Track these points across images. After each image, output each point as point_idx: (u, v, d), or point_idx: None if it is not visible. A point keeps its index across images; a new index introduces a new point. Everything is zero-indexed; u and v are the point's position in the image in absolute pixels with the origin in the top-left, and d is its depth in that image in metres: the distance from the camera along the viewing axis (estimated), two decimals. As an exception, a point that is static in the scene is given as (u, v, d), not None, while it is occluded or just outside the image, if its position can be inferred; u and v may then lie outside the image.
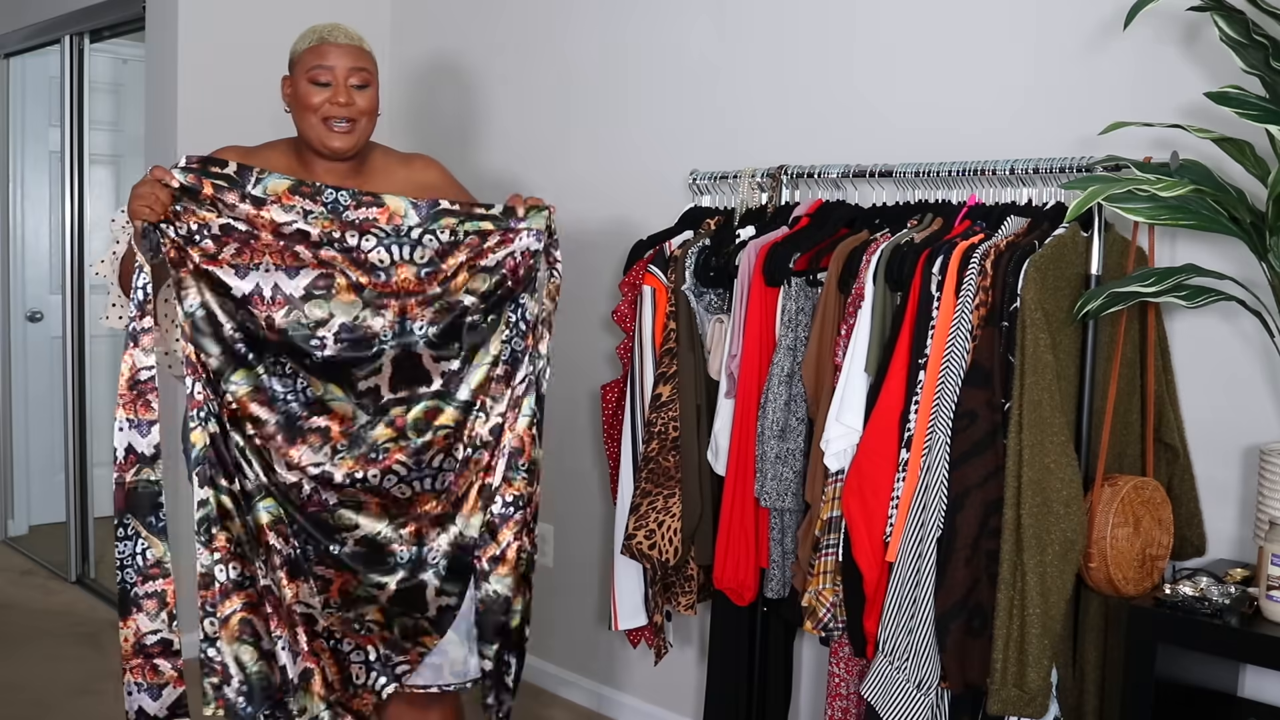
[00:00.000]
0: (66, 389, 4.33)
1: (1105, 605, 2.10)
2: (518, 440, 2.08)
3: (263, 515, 2.01)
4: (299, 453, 1.99)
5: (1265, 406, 2.08)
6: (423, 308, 2.02)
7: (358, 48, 2.16)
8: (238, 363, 1.97)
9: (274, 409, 1.99)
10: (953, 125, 2.46)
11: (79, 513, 4.31)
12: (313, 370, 1.99)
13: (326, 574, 2.05)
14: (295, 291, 1.97)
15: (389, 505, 2.05)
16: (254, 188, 1.96)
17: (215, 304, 1.96)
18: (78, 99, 4.22)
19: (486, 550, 2.09)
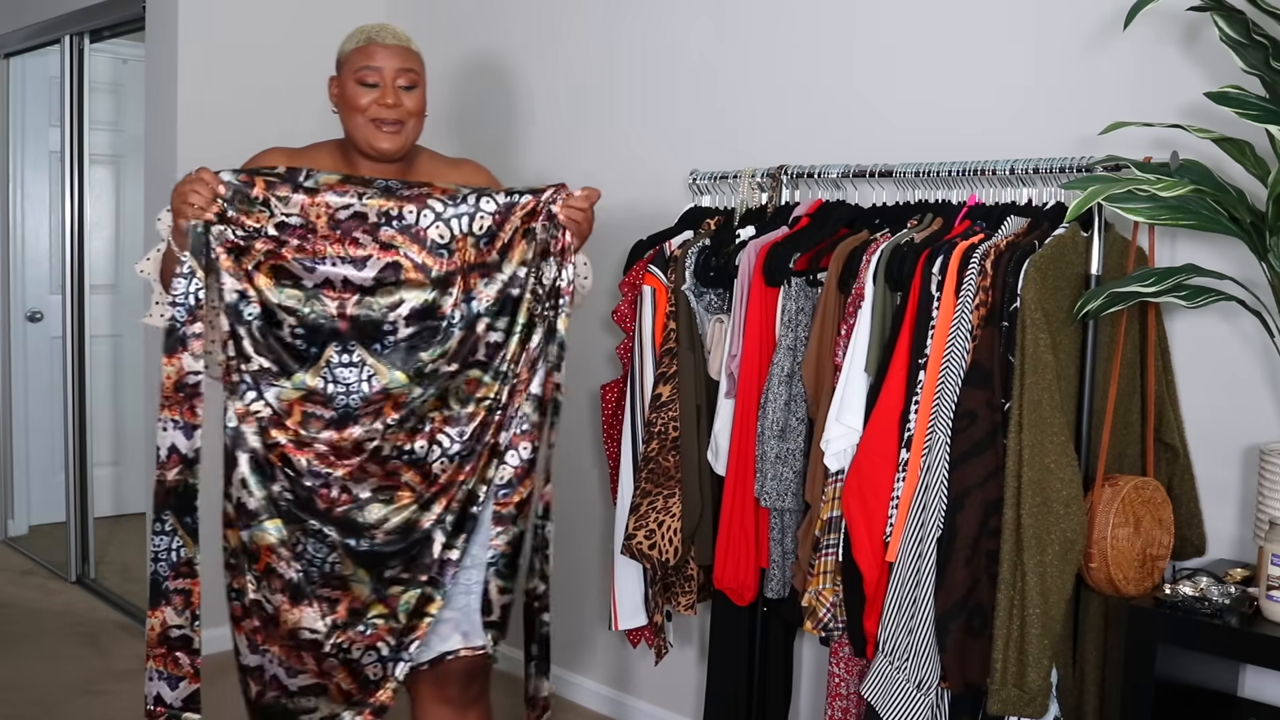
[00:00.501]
0: (66, 389, 4.33)
1: (1105, 605, 2.10)
2: (540, 389, 2.06)
3: (269, 535, 2.00)
4: (350, 431, 1.99)
5: (1265, 406, 2.08)
6: (484, 284, 2.02)
7: (405, 48, 2.14)
8: (294, 364, 1.98)
9: (330, 406, 1.99)
10: (953, 125, 2.46)
11: (79, 513, 4.31)
12: (382, 356, 1.99)
13: (333, 595, 2.03)
14: (365, 282, 1.97)
15: (421, 487, 2.04)
16: (305, 181, 1.97)
17: (275, 302, 1.96)
18: (78, 99, 4.22)
19: (513, 497, 2.06)
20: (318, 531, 2.01)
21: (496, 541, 2.07)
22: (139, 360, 4.04)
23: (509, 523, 2.07)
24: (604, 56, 3.20)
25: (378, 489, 2.03)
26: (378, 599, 2.05)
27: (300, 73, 3.72)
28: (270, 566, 2.01)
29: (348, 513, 2.02)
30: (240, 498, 2.01)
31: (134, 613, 3.93)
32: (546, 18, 3.35)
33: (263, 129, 3.64)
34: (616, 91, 3.17)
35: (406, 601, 2.05)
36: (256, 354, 1.98)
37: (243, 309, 1.96)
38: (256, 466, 2.00)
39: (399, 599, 2.05)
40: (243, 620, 2.06)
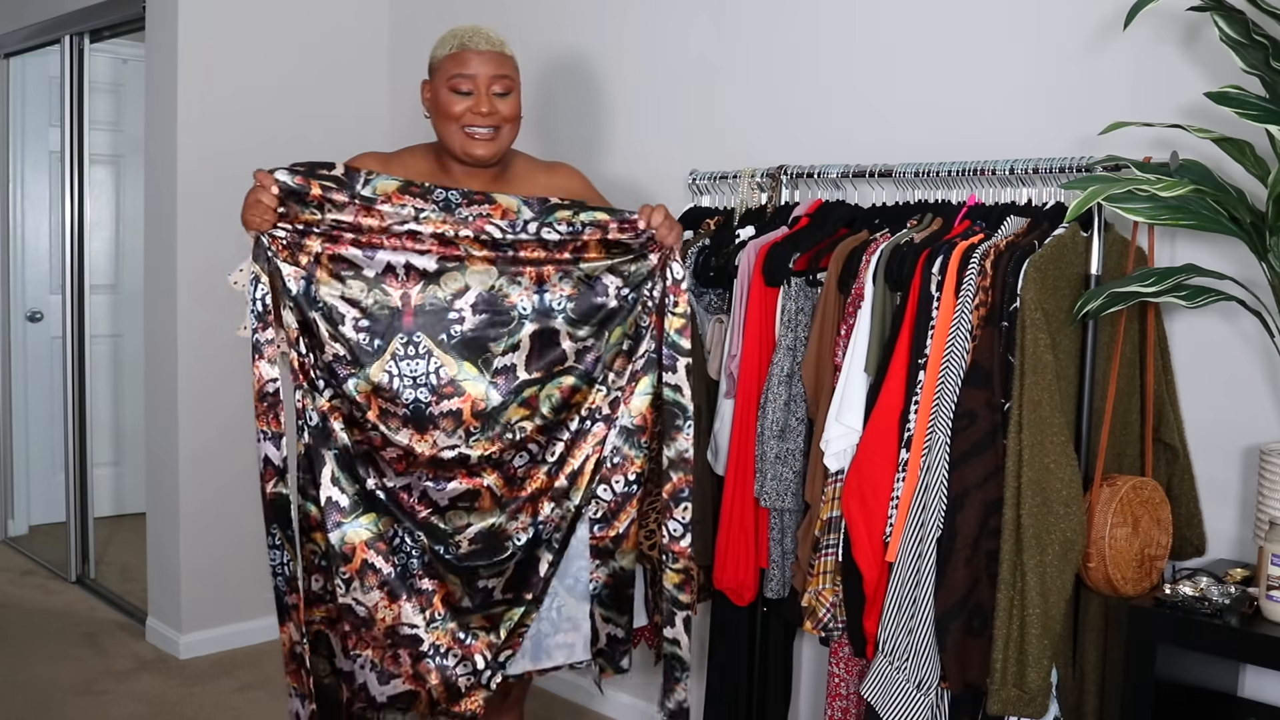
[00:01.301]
0: (66, 389, 4.33)
1: (1105, 605, 2.10)
2: (639, 418, 2.03)
3: (362, 532, 1.97)
4: (430, 439, 1.95)
5: (1265, 406, 2.08)
6: (560, 279, 1.98)
7: (499, 54, 2.09)
8: (361, 357, 1.94)
9: (399, 403, 1.95)
10: (953, 125, 2.46)
11: (79, 513, 4.31)
12: (449, 348, 1.95)
13: (430, 586, 2.00)
14: (429, 266, 1.93)
15: (501, 492, 2.01)
16: (363, 188, 1.92)
17: (337, 296, 1.93)
18: (78, 99, 4.22)
19: (609, 531, 2.07)
20: (410, 529, 1.99)
21: (597, 574, 2.06)
22: (139, 360, 4.04)
23: (607, 557, 2.06)
24: (603, 56, 3.20)
25: (458, 496, 1.98)
26: (477, 610, 2.02)
27: (300, 73, 3.73)
28: (366, 563, 1.97)
29: (428, 519, 1.98)
30: (330, 496, 1.97)
31: (133, 613, 3.93)
32: (545, 17, 3.35)
33: (263, 129, 3.65)
34: (616, 91, 3.17)
35: (510, 618, 2.04)
36: (330, 340, 1.93)
37: (315, 295, 1.93)
38: (345, 462, 1.97)
39: (503, 616, 2.03)
40: (336, 623, 2.02)
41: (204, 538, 3.58)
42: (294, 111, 3.71)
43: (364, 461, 1.97)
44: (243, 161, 3.57)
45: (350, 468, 1.97)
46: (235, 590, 3.65)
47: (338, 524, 1.97)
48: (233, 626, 3.68)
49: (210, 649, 3.65)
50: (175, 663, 3.56)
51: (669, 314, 2.01)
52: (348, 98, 3.84)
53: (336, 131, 3.75)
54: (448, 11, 3.68)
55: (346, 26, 3.85)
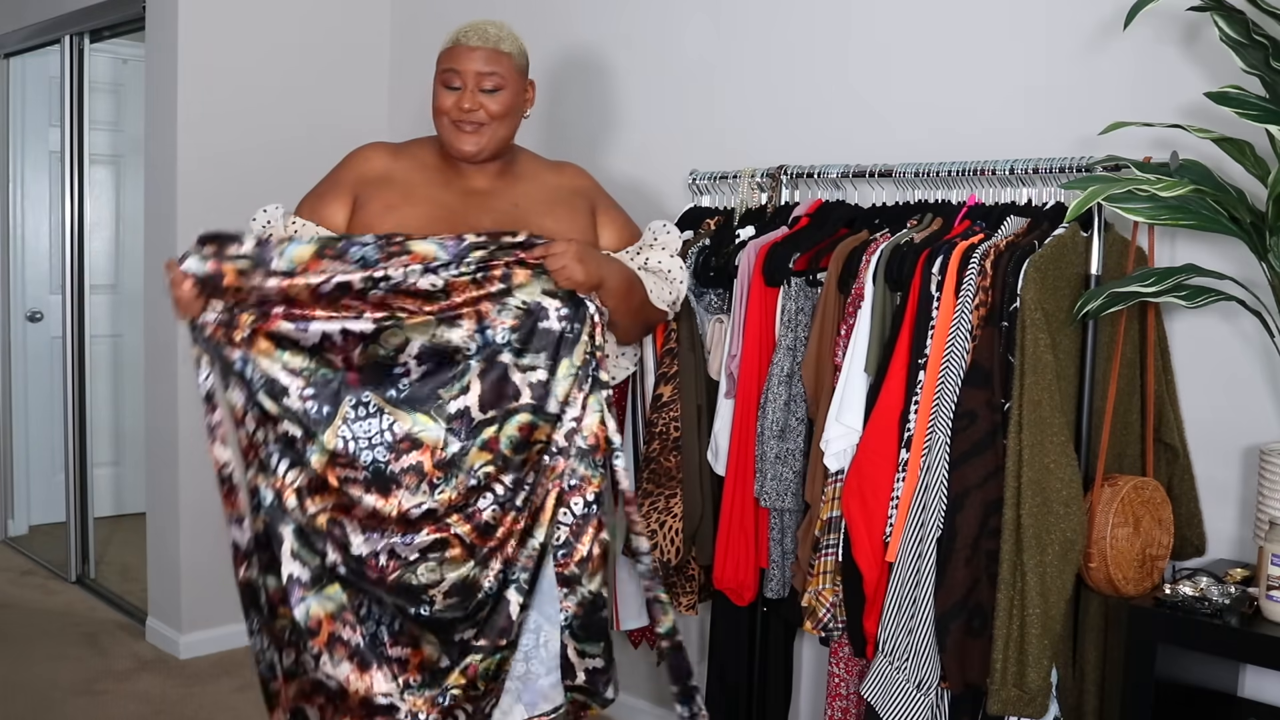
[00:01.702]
0: (66, 389, 4.33)
1: (1105, 605, 2.10)
2: (592, 438, 1.98)
3: (327, 604, 1.92)
4: (395, 499, 1.89)
5: (1265, 406, 2.08)
6: (499, 312, 1.93)
7: (491, 50, 2.05)
8: (312, 430, 1.89)
9: (357, 466, 1.89)
10: (952, 125, 2.46)
11: (79, 513, 4.31)
12: (399, 403, 1.90)
13: (402, 654, 1.95)
14: (365, 328, 1.88)
15: (474, 540, 1.95)
16: (279, 261, 1.86)
17: (278, 369, 1.88)
18: (78, 99, 4.22)
19: (573, 556, 2.00)
20: (378, 598, 1.94)
21: (566, 604, 2.00)
22: (139, 360, 4.04)
23: (574, 583, 2.00)
24: (603, 56, 3.20)
25: (427, 548, 1.93)
26: (454, 667, 1.97)
27: (301, 73, 3.73)
28: (334, 635, 1.92)
29: (400, 578, 1.93)
30: (291, 572, 1.92)
31: (133, 613, 3.93)
32: (544, 17, 3.34)
33: (263, 129, 3.65)
34: (616, 91, 3.17)
35: (486, 669, 1.98)
36: (280, 418, 1.89)
37: (251, 375, 1.88)
38: (303, 538, 1.92)
39: (478, 668, 1.97)
40: (312, 695, 1.97)
41: (204, 538, 3.58)
42: (294, 111, 3.71)
43: (322, 537, 1.92)
44: (243, 161, 3.59)
45: (308, 543, 1.93)
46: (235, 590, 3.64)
47: (301, 599, 1.92)
48: (233, 626, 3.67)
49: (210, 649, 3.65)
50: (175, 663, 3.56)
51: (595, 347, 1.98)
52: (348, 98, 3.84)
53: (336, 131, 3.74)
54: (448, 11, 3.68)
55: (347, 26, 3.84)
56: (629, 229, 2.22)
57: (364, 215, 2.04)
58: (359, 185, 2.08)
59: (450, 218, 2.04)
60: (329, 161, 2.28)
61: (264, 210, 2.07)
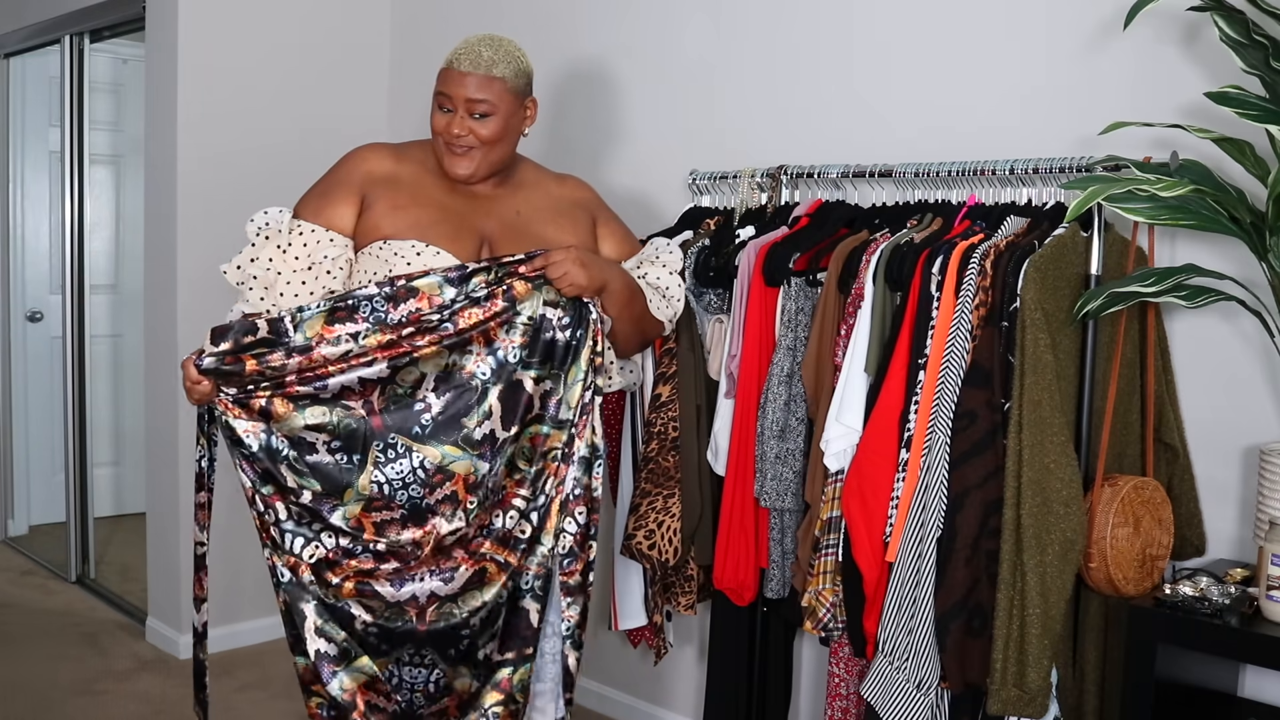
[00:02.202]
0: (66, 389, 4.33)
1: (1105, 605, 2.10)
2: (587, 446, 1.99)
3: (359, 676, 1.94)
4: (434, 525, 1.90)
5: (1265, 406, 2.08)
6: (506, 331, 1.93)
7: (483, 77, 2.01)
8: (344, 478, 1.90)
9: (394, 506, 1.90)
10: (952, 125, 2.46)
11: (79, 513, 4.31)
12: (426, 439, 1.91)
13: (440, 708, 1.97)
14: (381, 372, 1.89)
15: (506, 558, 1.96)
16: (295, 335, 1.86)
17: (301, 427, 1.88)
18: (78, 99, 4.22)
19: (577, 565, 2.00)
20: (413, 655, 1.95)
21: (569, 614, 2.00)
22: (139, 360, 4.04)
23: (578, 592, 2.00)
24: (603, 57, 3.20)
25: (467, 580, 1.94)
26: (488, 686, 1.99)
27: (300, 73, 3.73)
28: (370, 704, 1.94)
29: (440, 612, 1.94)
30: (318, 648, 1.93)
31: (133, 613, 3.93)
32: (544, 18, 3.34)
33: (263, 129, 3.65)
34: (615, 91, 3.17)
35: (520, 680, 2.00)
36: (302, 486, 1.90)
37: (276, 445, 1.89)
38: (327, 610, 1.93)
39: (512, 680, 1.99)
40: None
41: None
42: (294, 111, 3.71)
43: (349, 600, 1.93)
44: (243, 161, 3.59)
45: (333, 614, 1.94)
46: (235, 590, 3.65)
47: (333, 674, 1.93)
48: (233, 626, 3.68)
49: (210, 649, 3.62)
50: (175, 663, 3.55)
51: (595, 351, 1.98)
52: (348, 98, 3.84)
53: (336, 132, 3.75)
54: (448, 12, 3.68)
55: (347, 27, 3.84)
56: (629, 242, 2.22)
57: (372, 215, 2.03)
58: (365, 185, 2.07)
59: (456, 220, 2.04)
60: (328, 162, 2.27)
61: (264, 212, 2.07)
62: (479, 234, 2.04)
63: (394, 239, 1.99)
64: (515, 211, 2.10)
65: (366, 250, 2.00)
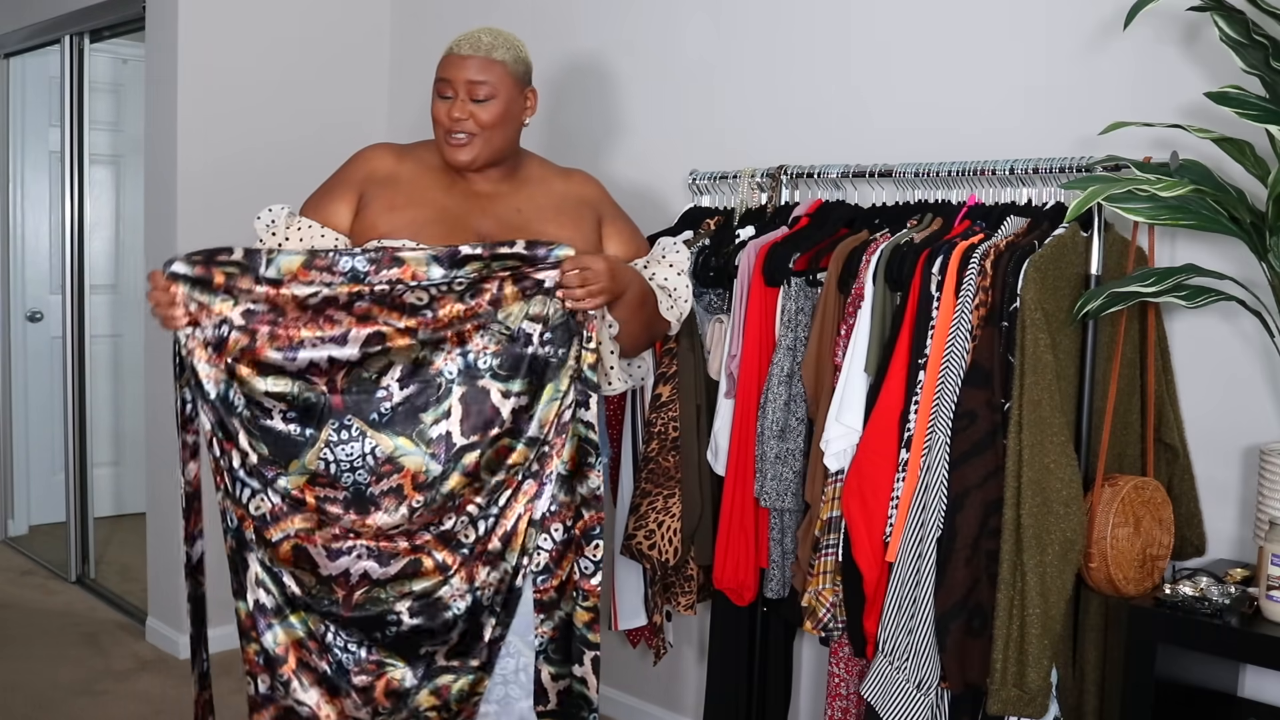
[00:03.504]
0: (66, 389, 4.33)
1: (1105, 605, 2.10)
2: (570, 463, 1.96)
3: (294, 631, 1.95)
4: (374, 519, 1.90)
5: (1265, 406, 2.08)
6: (481, 336, 1.91)
7: (484, 59, 2.03)
8: (292, 449, 1.89)
9: (338, 486, 1.90)
10: (952, 125, 2.46)
11: (79, 513, 4.31)
12: (381, 426, 1.90)
13: (366, 682, 1.96)
14: (351, 356, 1.88)
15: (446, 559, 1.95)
16: (266, 270, 1.86)
17: (262, 391, 1.88)
18: (78, 99, 4.22)
19: (552, 582, 1.97)
20: (341, 622, 1.95)
21: (542, 629, 1.98)
22: (139, 360, 4.05)
23: (552, 608, 1.97)
24: (602, 57, 3.20)
25: (403, 567, 1.93)
26: (423, 687, 1.98)
27: (300, 72, 3.73)
28: (301, 661, 1.95)
29: (368, 595, 1.93)
30: (257, 599, 1.95)
31: (133, 613, 3.93)
32: (543, 18, 3.35)
33: (263, 128, 3.65)
34: (615, 91, 3.17)
35: (460, 689, 1.98)
36: (252, 447, 1.90)
37: (232, 399, 1.89)
38: (266, 566, 1.95)
39: (451, 688, 1.98)
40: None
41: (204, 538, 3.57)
42: (294, 111, 3.71)
43: (282, 567, 1.94)
44: (243, 161, 3.59)
45: (271, 571, 1.95)
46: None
47: (269, 625, 1.95)
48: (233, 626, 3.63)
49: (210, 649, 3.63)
50: (175, 663, 3.56)
51: (582, 349, 1.93)
52: (348, 97, 3.84)
53: (336, 131, 3.75)
54: (448, 11, 3.69)
55: (347, 25, 3.85)
56: (636, 240, 2.19)
57: (367, 215, 2.03)
58: (364, 185, 2.07)
59: (452, 221, 2.03)
60: (329, 161, 2.28)
61: (269, 210, 2.07)
62: (475, 233, 2.03)
63: (389, 238, 1.99)
64: (516, 210, 2.09)
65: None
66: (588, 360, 1.93)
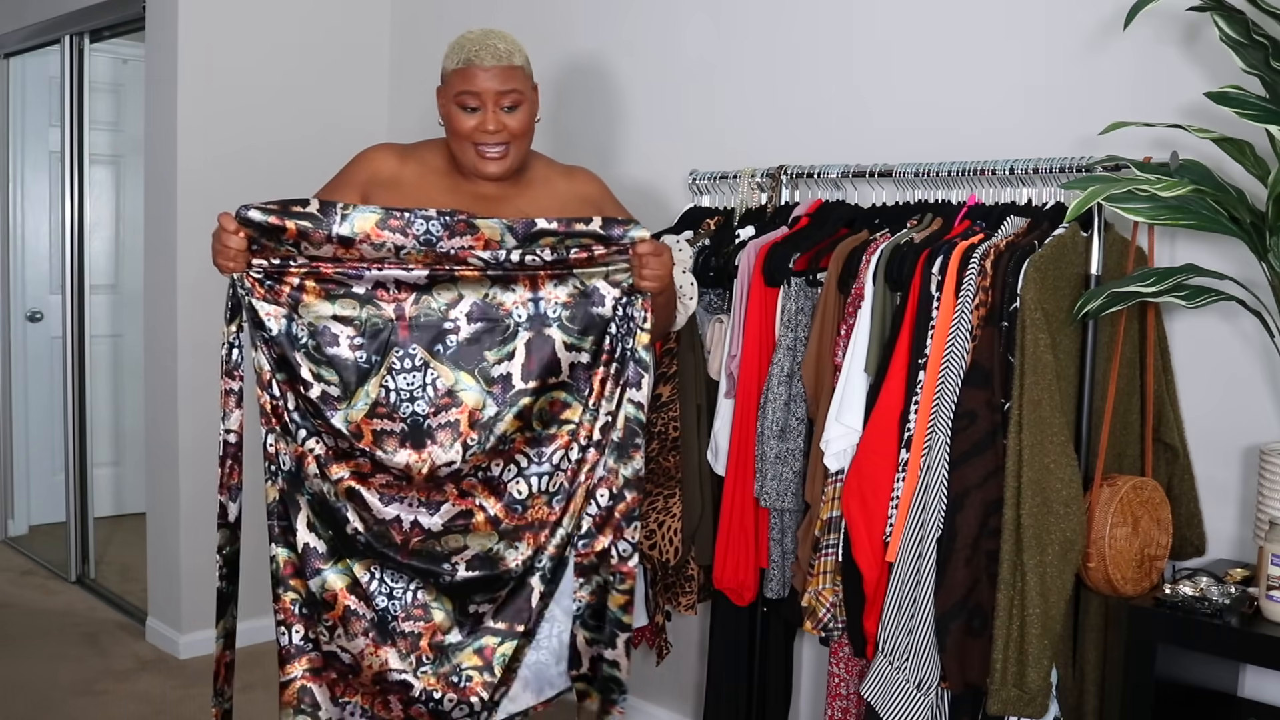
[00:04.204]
0: (66, 389, 4.33)
1: (1105, 605, 2.10)
2: (622, 431, 1.98)
3: (343, 578, 1.94)
4: (428, 454, 1.90)
5: (1265, 406, 2.08)
6: (554, 285, 1.93)
7: (506, 68, 2.02)
8: (357, 378, 1.89)
9: (396, 417, 1.90)
10: (953, 125, 2.46)
11: (79, 513, 4.31)
12: (445, 358, 1.91)
13: (414, 629, 1.97)
14: (419, 280, 1.88)
15: (500, 514, 1.96)
16: (340, 226, 1.84)
17: (329, 317, 1.88)
18: (78, 99, 4.22)
19: (593, 547, 2.00)
20: (396, 565, 1.95)
21: (580, 594, 2.01)
22: (139, 360, 4.04)
23: (591, 573, 2.00)
24: (602, 57, 3.20)
25: (452, 518, 1.94)
26: (467, 645, 1.98)
27: (301, 72, 3.73)
28: (348, 609, 1.94)
29: (424, 543, 1.94)
30: (308, 542, 1.94)
31: (133, 613, 3.93)
32: (543, 18, 3.34)
33: (263, 129, 3.65)
34: (615, 92, 3.17)
35: (503, 654, 1.99)
36: (316, 379, 1.89)
37: (296, 333, 1.88)
38: (321, 507, 1.94)
39: (495, 651, 1.98)
40: (322, 671, 1.99)
41: (204, 538, 3.58)
42: (294, 111, 3.71)
43: (346, 502, 1.93)
44: (243, 161, 3.59)
45: (327, 512, 1.94)
46: (235, 590, 3.65)
47: (317, 570, 1.94)
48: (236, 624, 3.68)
49: (210, 649, 3.64)
50: (175, 663, 3.56)
51: (638, 329, 1.96)
52: (348, 97, 3.84)
53: (337, 131, 3.75)
54: (448, 11, 3.68)
55: (347, 26, 3.85)
56: None
57: None
58: (368, 186, 2.07)
59: None
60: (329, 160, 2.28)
61: None
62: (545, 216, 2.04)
63: None
64: (521, 211, 2.09)
65: None
66: (642, 341, 1.96)
